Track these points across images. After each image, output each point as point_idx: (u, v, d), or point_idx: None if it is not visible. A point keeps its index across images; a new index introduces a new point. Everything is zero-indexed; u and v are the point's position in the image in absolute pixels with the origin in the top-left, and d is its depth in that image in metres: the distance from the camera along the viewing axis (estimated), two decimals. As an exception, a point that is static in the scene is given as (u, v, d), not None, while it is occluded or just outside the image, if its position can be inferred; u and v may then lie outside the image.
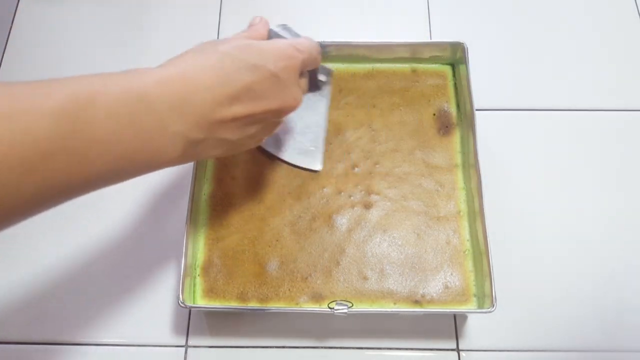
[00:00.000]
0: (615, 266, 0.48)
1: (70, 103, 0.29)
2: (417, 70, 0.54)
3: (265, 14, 0.59)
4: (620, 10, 0.59)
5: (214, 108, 0.34)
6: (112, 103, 0.30)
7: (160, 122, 0.31)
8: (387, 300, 0.45)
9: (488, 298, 0.42)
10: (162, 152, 0.32)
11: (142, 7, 0.60)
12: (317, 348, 0.45)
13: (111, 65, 0.56)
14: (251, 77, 0.35)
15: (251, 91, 0.35)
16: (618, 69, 0.56)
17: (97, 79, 0.31)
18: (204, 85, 0.33)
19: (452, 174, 0.49)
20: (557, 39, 0.58)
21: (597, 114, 0.54)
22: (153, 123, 0.31)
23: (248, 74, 0.34)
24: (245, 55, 0.35)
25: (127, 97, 0.30)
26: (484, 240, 0.44)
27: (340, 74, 0.54)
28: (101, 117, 0.29)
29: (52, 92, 0.29)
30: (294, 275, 0.46)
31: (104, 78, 0.31)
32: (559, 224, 0.49)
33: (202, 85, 0.33)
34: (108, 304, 0.46)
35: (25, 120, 0.27)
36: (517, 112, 0.54)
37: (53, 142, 0.27)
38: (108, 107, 0.29)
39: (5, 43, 0.58)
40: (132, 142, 0.31)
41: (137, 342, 0.45)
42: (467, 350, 0.45)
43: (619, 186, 0.51)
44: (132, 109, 0.30)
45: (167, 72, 0.33)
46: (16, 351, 0.45)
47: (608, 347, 0.45)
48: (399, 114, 0.52)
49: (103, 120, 0.29)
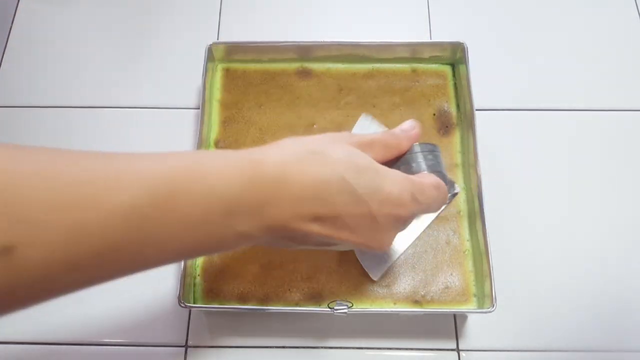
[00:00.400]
0: (616, 266, 0.48)
1: (146, 200, 0.26)
2: (417, 70, 0.54)
3: (266, 15, 0.59)
4: (620, 10, 0.59)
5: (292, 219, 0.30)
6: (190, 208, 0.27)
7: (230, 224, 0.29)
8: (387, 300, 0.45)
9: (488, 298, 0.42)
10: (218, 247, 0.30)
11: (142, 7, 0.60)
12: (317, 348, 0.45)
13: (111, 65, 0.56)
14: (348, 207, 0.31)
15: (339, 220, 0.31)
16: (618, 69, 0.56)
17: (181, 173, 0.28)
18: (294, 196, 0.30)
19: (452, 174, 0.49)
20: (557, 39, 0.57)
21: (597, 114, 0.54)
22: (224, 226, 0.29)
23: (347, 202, 0.31)
24: (356, 181, 0.31)
25: (207, 202, 0.28)
26: (484, 240, 0.44)
27: (341, 74, 0.54)
28: (173, 220, 0.27)
29: (129, 184, 0.26)
30: (294, 275, 0.46)
31: (189, 172, 0.28)
32: (559, 224, 0.49)
33: (292, 195, 0.30)
34: (108, 304, 0.46)
35: (95, 213, 0.24)
36: (517, 112, 0.54)
37: (113, 240, 0.25)
38: (184, 212, 0.27)
39: (5, 43, 0.58)
40: (193, 242, 0.28)
41: (137, 342, 0.45)
42: (467, 350, 0.45)
43: (619, 186, 0.51)
44: (208, 215, 0.28)
45: (261, 172, 0.29)
46: (16, 351, 0.45)
47: (608, 347, 0.45)
48: (399, 114, 0.52)
49: (174, 223, 0.27)
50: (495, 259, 0.43)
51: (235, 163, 0.29)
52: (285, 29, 0.58)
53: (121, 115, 0.54)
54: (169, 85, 0.55)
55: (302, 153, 0.31)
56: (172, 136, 0.53)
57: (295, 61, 0.54)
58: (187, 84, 0.55)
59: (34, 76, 0.56)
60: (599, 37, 0.58)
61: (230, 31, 0.58)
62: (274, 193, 0.30)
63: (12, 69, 0.57)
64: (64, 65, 0.57)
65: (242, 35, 0.57)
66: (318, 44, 0.52)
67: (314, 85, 0.53)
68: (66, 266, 0.25)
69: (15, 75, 0.56)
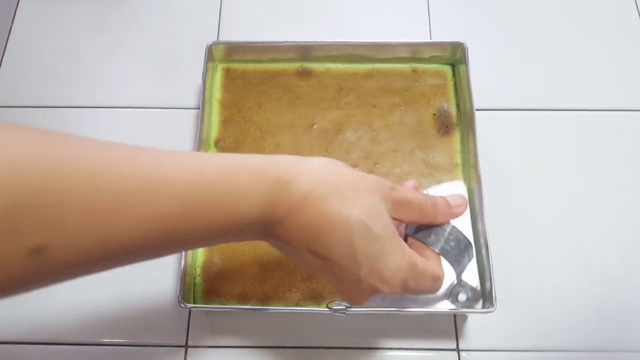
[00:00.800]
0: (616, 266, 0.48)
1: (175, 209, 0.28)
2: (417, 70, 0.54)
3: (266, 15, 0.59)
4: (620, 10, 0.59)
5: (293, 242, 0.31)
6: (213, 221, 0.29)
7: (242, 234, 0.31)
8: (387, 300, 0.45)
9: (488, 298, 0.42)
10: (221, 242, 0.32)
11: (142, 7, 0.60)
12: (317, 348, 0.45)
13: (111, 65, 0.56)
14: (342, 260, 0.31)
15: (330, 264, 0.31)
16: (618, 69, 0.56)
17: (210, 187, 0.29)
18: (303, 224, 0.30)
19: (452, 174, 0.49)
20: (557, 39, 0.57)
21: (597, 114, 0.54)
22: (235, 235, 0.31)
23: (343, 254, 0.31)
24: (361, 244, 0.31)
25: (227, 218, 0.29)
26: (484, 240, 0.44)
27: (341, 74, 0.54)
28: (196, 230, 0.29)
29: (161, 194, 0.28)
30: (293, 275, 0.46)
31: (219, 185, 0.29)
32: (559, 223, 0.49)
33: (301, 223, 0.30)
34: (108, 304, 0.46)
35: (128, 222, 0.26)
36: (517, 112, 0.54)
37: (140, 245, 0.27)
38: (205, 224, 0.29)
39: (5, 43, 0.58)
40: (207, 243, 0.32)
41: (137, 342, 0.45)
42: (467, 350, 0.45)
43: (619, 186, 0.51)
44: (226, 228, 0.30)
45: (286, 194, 0.30)
46: (16, 351, 0.45)
47: (608, 347, 0.45)
48: (399, 114, 0.52)
49: (196, 233, 0.29)
50: (495, 259, 0.43)
51: (263, 182, 0.30)
52: (285, 29, 0.58)
53: (121, 115, 0.54)
54: (169, 86, 0.55)
55: (329, 186, 0.31)
56: (172, 136, 0.53)
57: (295, 61, 0.54)
58: (187, 84, 0.55)
59: (34, 76, 0.56)
60: (599, 37, 0.58)
61: (230, 31, 0.58)
62: (285, 216, 0.30)
63: (12, 69, 0.57)
64: (64, 65, 0.57)
65: (242, 35, 0.57)
66: (318, 44, 0.52)
67: (314, 85, 0.53)
68: (92, 266, 0.27)
69: (15, 75, 0.56)
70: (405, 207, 0.34)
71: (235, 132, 0.51)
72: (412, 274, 0.33)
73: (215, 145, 0.51)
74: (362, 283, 0.32)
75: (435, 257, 0.35)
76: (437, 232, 0.35)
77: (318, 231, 0.30)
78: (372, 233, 0.31)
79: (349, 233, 0.30)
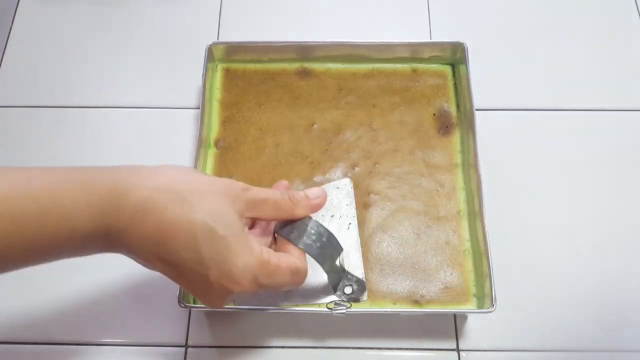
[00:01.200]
0: (616, 266, 0.48)
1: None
2: (417, 70, 0.54)
3: (266, 15, 0.59)
4: (620, 10, 0.59)
5: (136, 251, 0.32)
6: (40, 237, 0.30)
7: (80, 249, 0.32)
8: (387, 300, 0.45)
9: (488, 298, 0.42)
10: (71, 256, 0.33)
11: (142, 7, 0.60)
12: (317, 348, 0.45)
13: (111, 65, 0.56)
14: (189, 264, 0.32)
15: (179, 269, 0.32)
16: (618, 69, 0.56)
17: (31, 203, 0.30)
18: (144, 233, 0.31)
19: (452, 174, 0.49)
20: (557, 39, 0.57)
21: (597, 114, 0.54)
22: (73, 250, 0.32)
23: (189, 259, 0.31)
24: (205, 246, 0.31)
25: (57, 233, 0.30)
26: (483, 240, 0.44)
27: (341, 73, 0.54)
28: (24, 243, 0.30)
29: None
30: (293, 275, 0.45)
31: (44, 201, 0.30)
32: (559, 223, 0.49)
33: (142, 232, 0.31)
34: (108, 304, 0.46)
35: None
36: (517, 112, 0.54)
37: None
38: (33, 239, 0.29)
39: (5, 43, 0.58)
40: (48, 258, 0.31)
41: (137, 342, 0.45)
42: (467, 350, 0.45)
43: (619, 186, 0.51)
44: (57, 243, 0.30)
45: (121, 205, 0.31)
46: (16, 351, 0.45)
47: (608, 347, 0.45)
48: (399, 114, 0.52)
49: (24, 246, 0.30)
50: (495, 259, 0.43)
51: (92, 193, 0.30)
52: (285, 29, 0.58)
53: (121, 115, 0.54)
54: (169, 85, 0.55)
55: (171, 193, 0.31)
56: (172, 136, 0.53)
57: (295, 61, 0.54)
58: (187, 84, 0.55)
59: (34, 76, 0.56)
60: (599, 37, 0.58)
61: (230, 31, 0.58)
62: (126, 225, 0.31)
63: (12, 69, 0.57)
64: (63, 65, 0.57)
65: (242, 35, 0.57)
66: (318, 44, 0.52)
67: (314, 85, 0.53)
68: None
69: (15, 75, 0.56)
70: (261, 206, 0.34)
71: (235, 132, 0.51)
72: (264, 270, 0.33)
73: (215, 145, 0.51)
74: (213, 285, 0.32)
75: (298, 251, 0.36)
76: (298, 227, 0.36)
77: (162, 239, 0.31)
78: (217, 234, 0.31)
79: (193, 237, 0.31)
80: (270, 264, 0.33)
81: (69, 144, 0.53)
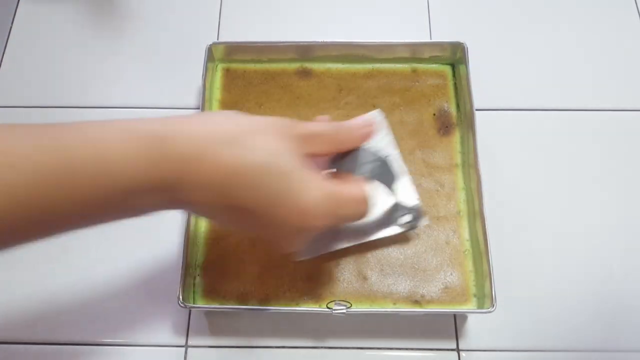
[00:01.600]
0: (616, 266, 0.48)
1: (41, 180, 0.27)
2: (417, 70, 0.54)
3: (266, 15, 0.59)
4: (620, 10, 0.59)
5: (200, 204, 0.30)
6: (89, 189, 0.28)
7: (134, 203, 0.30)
8: (387, 300, 0.45)
9: (488, 298, 0.42)
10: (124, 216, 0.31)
11: (142, 7, 0.60)
12: (317, 348, 0.45)
13: (111, 65, 0.56)
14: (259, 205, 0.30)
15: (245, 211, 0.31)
16: (618, 69, 0.56)
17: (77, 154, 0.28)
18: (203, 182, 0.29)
19: (452, 174, 0.49)
20: (557, 39, 0.57)
21: (597, 114, 0.54)
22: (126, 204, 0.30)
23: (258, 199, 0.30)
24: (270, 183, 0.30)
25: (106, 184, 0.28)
26: (483, 240, 0.44)
27: (341, 73, 0.54)
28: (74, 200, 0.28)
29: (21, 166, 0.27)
30: (293, 275, 0.46)
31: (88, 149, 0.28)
32: (559, 224, 0.49)
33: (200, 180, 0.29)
34: (108, 304, 0.46)
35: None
36: (517, 112, 0.54)
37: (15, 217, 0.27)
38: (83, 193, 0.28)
39: (5, 43, 0.58)
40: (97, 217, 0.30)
41: (137, 342, 0.45)
42: (467, 350, 0.45)
43: (619, 186, 0.51)
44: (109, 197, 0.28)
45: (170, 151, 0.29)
46: (16, 351, 0.45)
47: (608, 347, 0.45)
48: (399, 114, 0.52)
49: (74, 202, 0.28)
50: (495, 259, 0.43)
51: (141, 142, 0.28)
52: (285, 29, 0.58)
53: (121, 115, 0.54)
54: (169, 85, 0.55)
55: (222, 136, 0.30)
56: (172, 136, 0.53)
57: (295, 61, 0.54)
58: (187, 84, 0.55)
59: (34, 76, 0.56)
60: (598, 37, 0.58)
61: (230, 31, 0.58)
62: (181, 176, 0.29)
63: (12, 69, 0.57)
64: (63, 65, 0.57)
65: (242, 35, 0.57)
66: (318, 44, 0.52)
67: (314, 85, 0.53)
68: None
69: (15, 75, 0.56)
70: (314, 140, 0.33)
71: (235, 132, 0.51)
72: (333, 201, 0.32)
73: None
74: (286, 224, 0.31)
75: (357, 181, 0.35)
76: (353, 157, 0.36)
77: (225, 183, 0.29)
78: (280, 171, 0.30)
79: (258, 176, 0.30)
80: (337, 193, 0.33)
81: (69, 144, 0.53)
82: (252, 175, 0.30)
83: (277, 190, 0.30)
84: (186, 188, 0.29)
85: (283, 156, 0.31)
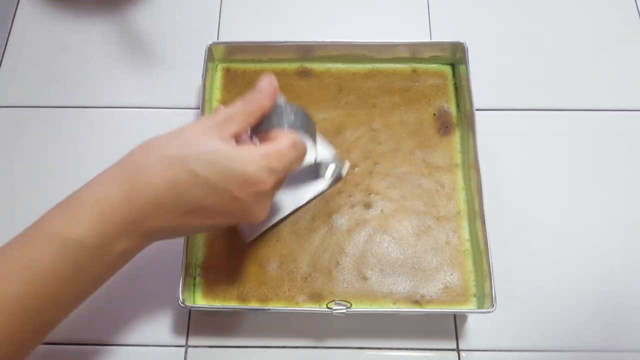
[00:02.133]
0: (616, 266, 0.48)
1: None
2: (417, 70, 0.54)
3: (266, 15, 0.59)
4: (620, 10, 0.59)
5: (166, 222, 0.34)
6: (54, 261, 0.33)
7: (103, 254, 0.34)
8: (387, 300, 0.45)
9: (488, 298, 0.42)
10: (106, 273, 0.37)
11: (142, 7, 0.60)
12: (317, 348, 0.45)
13: (111, 65, 0.56)
14: (209, 197, 0.34)
15: (206, 209, 0.34)
16: (618, 69, 0.56)
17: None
18: (160, 203, 0.33)
19: (452, 174, 0.49)
20: (557, 39, 0.57)
21: (597, 114, 0.54)
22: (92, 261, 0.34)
23: (206, 193, 0.34)
24: (209, 172, 0.33)
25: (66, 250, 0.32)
26: (483, 240, 0.44)
27: (341, 73, 0.54)
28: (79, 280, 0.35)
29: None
30: (293, 275, 0.46)
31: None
32: (559, 224, 0.49)
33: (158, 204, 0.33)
34: (108, 304, 0.46)
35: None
36: (517, 112, 0.54)
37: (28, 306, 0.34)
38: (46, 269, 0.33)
39: (5, 43, 0.58)
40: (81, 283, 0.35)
41: (137, 342, 0.45)
42: (467, 350, 0.45)
43: (619, 186, 0.51)
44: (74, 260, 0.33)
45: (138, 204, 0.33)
46: (16, 351, 0.45)
47: (608, 347, 0.45)
48: (399, 114, 0.52)
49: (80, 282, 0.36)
50: (495, 259, 0.43)
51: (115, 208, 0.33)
52: (285, 29, 0.58)
53: (121, 115, 0.54)
54: (169, 85, 0.55)
55: (160, 160, 0.34)
56: (172, 136, 0.53)
57: (295, 61, 0.54)
58: (187, 84, 0.55)
59: (34, 76, 0.56)
60: (598, 37, 0.58)
61: (230, 31, 0.58)
62: (146, 212, 0.33)
63: (12, 69, 0.57)
64: (63, 65, 0.57)
65: (242, 35, 0.57)
66: (318, 44, 0.52)
67: (314, 85, 0.53)
68: None
69: (15, 75, 0.56)
70: (232, 120, 0.36)
71: (235, 132, 0.51)
72: (272, 159, 0.35)
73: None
74: (243, 200, 0.34)
75: (283, 133, 0.37)
76: (273, 115, 0.38)
77: (175, 194, 0.33)
78: (212, 156, 0.34)
79: (193, 174, 0.33)
80: (271, 150, 0.35)
81: (69, 144, 0.53)
82: (191, 175, 0.33)
83: (220, 178, 0.33)
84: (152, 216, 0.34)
85: (212, 143, 0.34)
